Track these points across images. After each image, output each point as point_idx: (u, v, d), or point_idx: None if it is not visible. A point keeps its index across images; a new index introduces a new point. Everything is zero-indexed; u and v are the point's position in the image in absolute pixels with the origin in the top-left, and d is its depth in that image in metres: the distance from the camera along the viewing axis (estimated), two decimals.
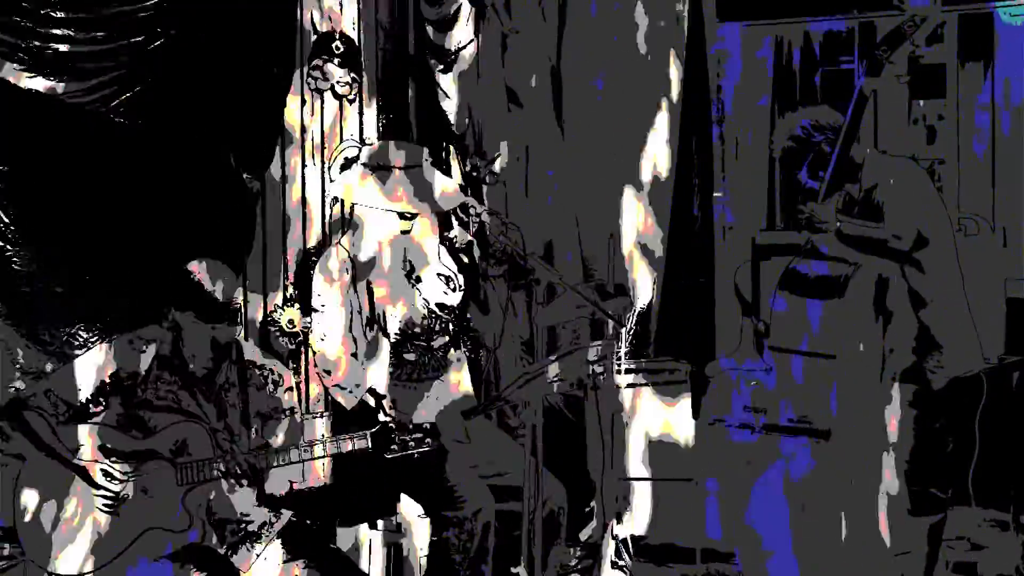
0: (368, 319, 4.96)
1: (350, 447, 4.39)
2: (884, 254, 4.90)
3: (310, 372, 5.81)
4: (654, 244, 7.05)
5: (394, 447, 4.39)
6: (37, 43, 5.09)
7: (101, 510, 4.25)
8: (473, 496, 4.81)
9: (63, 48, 5.15)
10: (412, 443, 4.40)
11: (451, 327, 5.04)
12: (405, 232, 5.00)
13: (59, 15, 5.13)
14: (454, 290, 5.07)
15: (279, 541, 4.47)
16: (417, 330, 4.99)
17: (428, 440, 4.42)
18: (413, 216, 4.99)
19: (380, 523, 5.08)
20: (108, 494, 4.24)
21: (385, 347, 4.97)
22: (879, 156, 5.14)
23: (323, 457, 4.46)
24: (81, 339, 5.09)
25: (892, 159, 5.20)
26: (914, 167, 5.16)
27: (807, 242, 5.08)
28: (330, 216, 6.24)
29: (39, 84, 5.18)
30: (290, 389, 4.58)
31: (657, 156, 7.06)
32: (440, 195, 5.05)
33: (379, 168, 5.03)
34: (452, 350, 5.08)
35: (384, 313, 4.96)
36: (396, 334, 4.94)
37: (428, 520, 4.99)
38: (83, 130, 5.29)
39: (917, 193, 4.98)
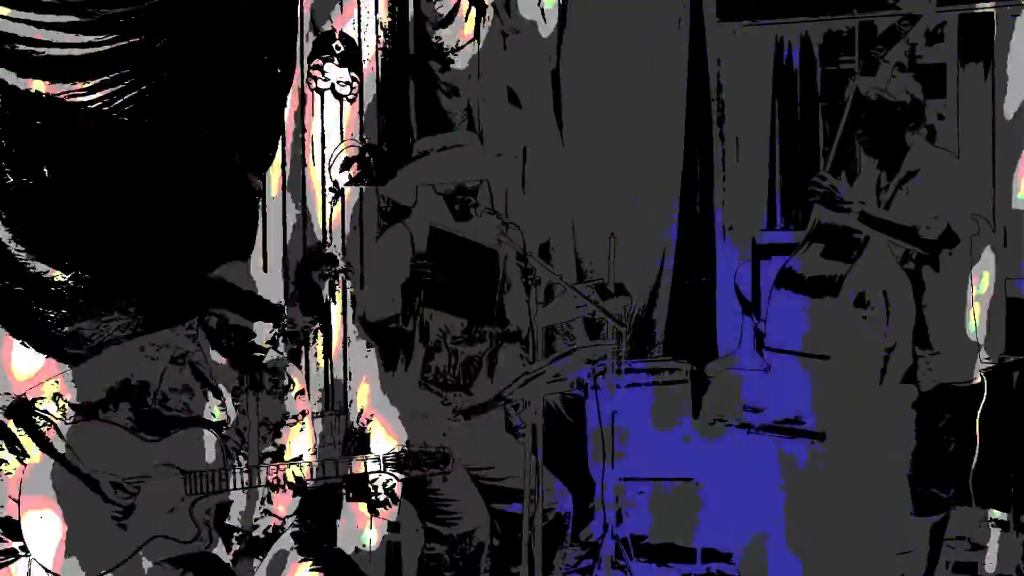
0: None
1: (360, 469, 4.35)
2: (912, 240, 4.86)
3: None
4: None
5: (407, 470, 4.37)
6: (38, 45, 5.08)
7: (112, 518, 4.22)
8: (469, 514, 4.81)
9: (64, 51, 5.14)
10: (425, 466, 4.38)
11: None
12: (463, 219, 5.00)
13: (60, 18, 5.12)
14: None
15: (290, 542, 4.45)
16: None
17: (441, 465, 4.39)
18: (464, 202, 4.98)
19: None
20: (117, 504, 4.21)
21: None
22: (924, 144, 5.08)
23: (334, 478, 4.41)
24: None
25: (936, 150, 5.18)
26: (955, 161, 5.14)
27: (814, 222, 5.05)
28: (331, 214, 6.24)
29: (39, 86, 5.18)
30: (301, 393, 4.55)
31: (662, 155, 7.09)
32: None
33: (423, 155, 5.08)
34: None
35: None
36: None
37: (422, 529, 4.98)
38: (82, 130, 5.29)
39: (953, 189, 4.94)
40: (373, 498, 4.99)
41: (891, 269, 4.92)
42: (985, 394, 5.12)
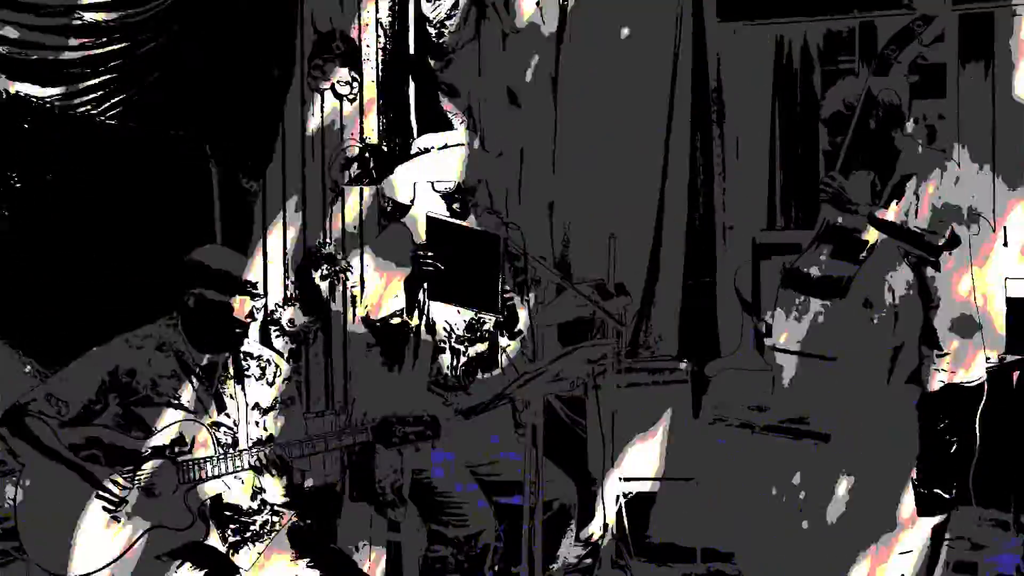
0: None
1: (352, 441, 4.40)
2: (918, 245, 4.87)
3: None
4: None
5: (395, 439, 4.39)
6: (34, 50, 5.09)
7: (106, 510, 4.25)
8: (475, 516, 4.81)
9: (60, 55, 5.15)
10: (413, 436, 4.40)
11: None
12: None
13: (56, 21, 5.13)
14: None
15: (286, 540, 4.48)
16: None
17: (428, 433, 4.41)
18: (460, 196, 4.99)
19: None
20: (113, 498, 4.23)
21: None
22: (915, 147, 5.08)
23: (326, 451, 4.47)
24: None
25: (928, 151, 5.16)
26: (951, 163, 5.13)
27: (822, 223, 5.04)
28: (330, 214, 6.24)
29: (32, 90, 5.18)
30: (287, 379, 4.59)
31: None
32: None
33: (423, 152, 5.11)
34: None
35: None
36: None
37: (425, 529, 4.98)
38: (74, 134, 5.30)
39: (951, 191, 4.94)
40: (380, 498, 5.01)
41: (900, 270, 4.92)
42: (985, 394, 5.12)
